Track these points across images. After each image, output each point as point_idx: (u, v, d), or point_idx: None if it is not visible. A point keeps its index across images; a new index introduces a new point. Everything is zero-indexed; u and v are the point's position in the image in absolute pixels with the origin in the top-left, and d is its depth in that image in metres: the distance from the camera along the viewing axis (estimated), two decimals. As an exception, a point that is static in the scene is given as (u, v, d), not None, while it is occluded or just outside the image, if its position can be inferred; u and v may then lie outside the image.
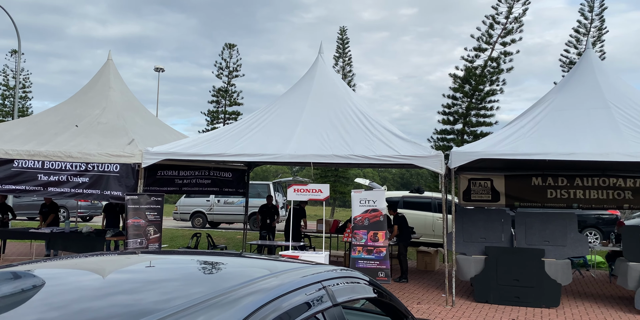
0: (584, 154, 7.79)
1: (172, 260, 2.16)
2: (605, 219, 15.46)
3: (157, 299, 1.47)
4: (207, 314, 1.40)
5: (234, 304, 1.50)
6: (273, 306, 1.58)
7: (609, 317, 7.46)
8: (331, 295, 1.92)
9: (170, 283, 1.67)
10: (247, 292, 1.61)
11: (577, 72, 9.82)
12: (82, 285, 1.63)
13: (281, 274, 1.90)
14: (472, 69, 25.60)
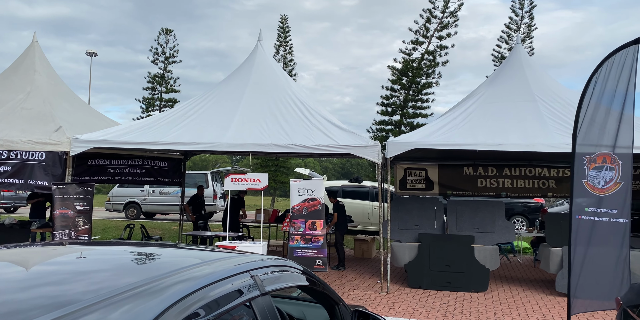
0: (512, 144, 8.15)
1: (102, 251, 2.08)
2: (531, 207, 16.35)
3: (84, 289, 1.44)
4: (130, 303, 1.39)
5: (156, 294, 1.45)
6: (197, 296, 1.54)
7: (532, 300, 7.91)
8: (259, 284, 1.90)
9: (98, 274, 1.63)
10: (171, 282, 1.56)
11: (507, 67, 10.23)
12: (5, 277, 1.55)
13: (208, 263, 1.86)
14: (409, 62, 26.15)
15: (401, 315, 6.72)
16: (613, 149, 4.60)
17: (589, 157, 4.64)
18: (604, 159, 4.61)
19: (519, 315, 6.88)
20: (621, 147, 4.58)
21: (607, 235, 4.62)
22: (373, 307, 7.14)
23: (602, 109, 4.62)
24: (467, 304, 7.47)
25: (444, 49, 25.92)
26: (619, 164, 4.58)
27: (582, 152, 4.67)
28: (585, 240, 4.67)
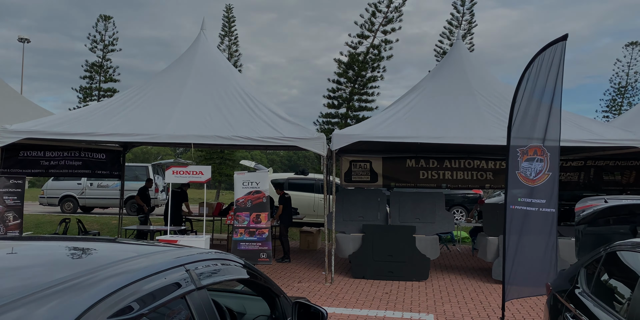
0: (452, 137, 8.40)
1: (32, 247, 1.98)
2: (470, 198, 16.95)
3: (10, 285, 1.39)
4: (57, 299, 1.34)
5: (83, 289, 1.39)
6: (127, 291, 1.48)
7: (470, 287, 8.21)
8: (195, 278, 1.86)
9: (27, 269, 1.56)
10: (100, 277, 1.50)
11: (448, 62, 10.50)
12: None
13: (140, 258, 1.80)
14: (355, 55, 26.37)
15: (345, 306, 6.81)
16: (543, 142, 4.83)
17: (522, 149, 4.85)
18: (535, 151, 4.84)
19: (458, 303, 7.13)
20: (550, 140, 4.82)
21: (537, 224, 4.86)
22: (317, 298, 7.20)
23: (534, 103, 4.83)
24: (408, 293, 7.67)
25: (389, 43, 26.32)
26: (547, 155, 4.81)
27: (516, 145, 4.87)
28: (518, 229, 4.88)
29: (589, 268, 3.62)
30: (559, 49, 4.75)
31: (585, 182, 12.95)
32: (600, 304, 3.16)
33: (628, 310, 2.80)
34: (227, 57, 29.58)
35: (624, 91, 32.47)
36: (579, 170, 12.99)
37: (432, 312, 6.60)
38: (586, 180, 12.97)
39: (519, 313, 6.61)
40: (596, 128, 8.79)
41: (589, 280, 3.52)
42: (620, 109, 31.98)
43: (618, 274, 3.28)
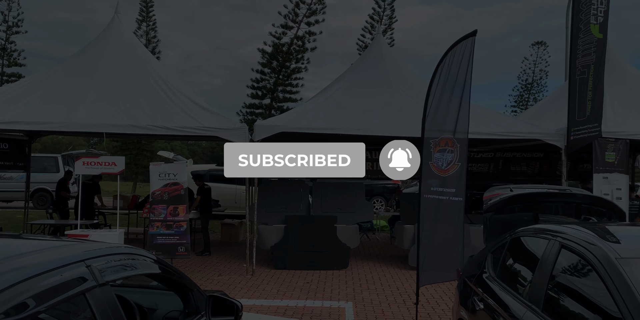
0: (373, 129, 8.57)
1: None
2: (389, 188, 17.47)
3: None
4: None
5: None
6: (15, 290, 1.36)
7: (388, 274, 8.48)
8: (96, 274, 1.75)
9: None
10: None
11: (369, 56, 10.68)
12: None
13: (34, 254, 1.66)
14: (279, 46, 26.22)
15: (265, 297, 6.79)
16: (454, 134, 5.06)
17: (434, 141, 5.04)
18: (447, 142, 5.05)
19: (376, 290, 7.33)
20: (460, 132, 5.06)
21: (448, 213, 5.09)
22: (237, 290, 7.13)
23: (446, 96, 5.04)
24: (329, 282, 7.78)
25: (313, 35, 26.40)
26: (457, 147, 5.05)
27: (429, 137, 5.05)
28: (431, 217, 5.09)
29: (495, 253, 3.83)
30: (468, 44, 4.97)
31: (495, 173, 13.74)
32: (505, 286, 3.35)
33: (529, 291, 2.99)
34: (145, 43, 28.33)
35: (530, 88, 34.79)
36: (489, 162, 13.75)
37: (351, 299, 6.74)
38: (495, 171, 13.76)
39: (433, 298, 6.91)
40: (505, 122, 9.33)
41: (495, 265, 3.72)
42: (527, 104, 34.23)
43: (521, 258, 3.49)
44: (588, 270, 2.54)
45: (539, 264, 3.00)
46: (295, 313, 6.07)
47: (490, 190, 4.96)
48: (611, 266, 2.38)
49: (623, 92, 9.68)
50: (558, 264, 2.83)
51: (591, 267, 2.50)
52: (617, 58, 10.62)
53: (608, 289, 2.29)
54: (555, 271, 2.83)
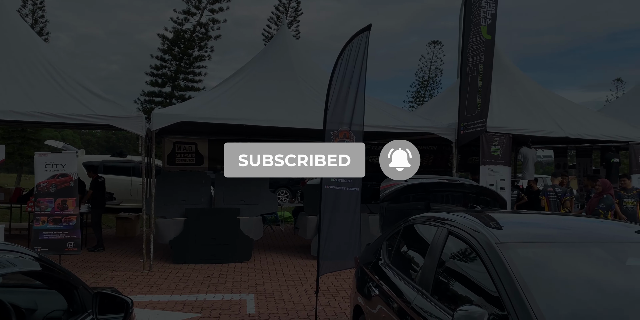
0: (277, 120, 8.55)
1: None
2: (294, 179, 17.58)
3: None
4: None
5: None
6: None
7: (291, 265, 8.54)
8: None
9: None
10: None
11: (274, 47, 10.62)
12: None
13: None
14: (181, 32, 25.28)
15: (163, 293, 6.55)
16: (350, 126, 5.19)
17: (334, 133, 5.13)
18: (345, 134, 5.17)
19: (278, 281, 7.36)
20: (355, 125, 5.20)
21: (345, 203, 5.23)
22: (133, 287, 6.81)
23: (345, 89, 5.15)
24: (230, 275, 7.68)
25: (217, 22, 25.76)
26: (354, 139, 5.19)
27: (330, 129, 5.13)
28: (331, 207, 5.19)
29: (390, 241, 3.99)
30: (364, 38, 5.11)
31: (394, 165, 14.32)
32: (398, 272, 3.50)
33: (420, 276, 3.15)
34: (31, 23, 25.99)
35: (427, 84, 36.67)
36: (389, 154, 14.30)
37: (252, 291, 6.71)
38: (394, 163, 14.35)
39: (333, 286, 7.08)
40: (403, 116, 9.73)
41: (390, 252, 3.88)
42: (423, 100, 36.05)
43: (413, 245, 3.67)
44: (472, 254, 2.73)
45: (429, 250, 3.18)
46: (195, 307, 5.93)
47: (387, 181, 5.16)
48: (492, 250, 2.57)
49: (508, 91, 10.51)
50: (446, 250, 3.01)
51: (475, 252, 2.69)
52: (504, 59, 11.48)
53: (488, 271, 2.47)
54: (443, 256, 3.00)
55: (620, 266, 2.62)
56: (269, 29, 29.02)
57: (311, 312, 5.79)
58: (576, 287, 2.43)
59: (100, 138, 77.91)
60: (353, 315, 4.19)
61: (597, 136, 10.10)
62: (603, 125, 10.51)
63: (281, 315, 5.68)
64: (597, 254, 2.68)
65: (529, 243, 2.71)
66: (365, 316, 3.76)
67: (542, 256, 2.62)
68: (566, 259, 2.63)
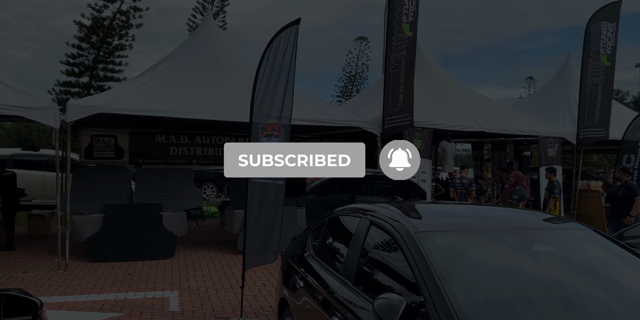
0: (202, 113, 8.34)
1: None
2: (221, 174, 17.28)
3: None
4: None
5: None
6: None
7: (217, 260, 8.41)
8: None
9: None
10: None
11: (198, 37, 10.34)
12: None
13: None
14: (100, 20, 24.01)
15: (80, 292, 6.23)
16: (279, 119, 5.17)
17: (262, 126, 5.09)
18: (273, 127, 5.14)
19: (203, 277, 7.22)
20: (284, 118, 5.19)
21: (272, 196, 5.21)
22: (47, 287, 6.42)
23: (273, 82, 5.11)
24: (153, 272, 7.44)
25: (139, 10, 24.67)
26: (282, 132, 5.18)
27: (257, 122, 5.08)
28: (257, 201, 5.15)
29: (315, 233, 4.02)
30: (292, 31, 5.10)
31: (321, 158, 14.45)
32: (323, 264, 3.54)
33: (343, 267, 3.20)
34: None
35: (354, 79, 37.27)
36: (316, 148, 14.41)
37: (176, 288, 6.54)
38: (322, 157, 14.48)
39: (260, 280, 7.05)
40: (330, 110, 9.83)
41: (315, 244, 3.91)
42: (351, 94, 36.61)
43: (337, 236, 3.72)
44: (392, 244, 2.80)
45: (352, 241, 3.23)
46: (114, 307, 5.69)
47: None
48: (410, 239, 2.65)
49: (429, 87, 10.89)
50: (368, 240, 3.08)
51: (395, 241, 2.76)
52: (425, 56, 11.89)
53: (407, 259, 2.55)
54: (365, 247, 3.06)
55: (528, 252, 2.79)
56: (194, 19, 28.25)
57: (237, 307, 5.73)
58: (489, 273, 2.56)
59: (10, 131, 72.66)
60: (278, 308, 4.19)
61: (510, 131, 10.72)
62: (516, 120, 11.17)
63: (206, 311, 5.57)
64: (508, 242, 2.84)
65: (445, 232, 2.82)
66: (290, 308, 3.78)
67: (458, 244, 2.74)
68: (480, 246, 2.77)
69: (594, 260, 2.80)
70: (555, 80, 14.07)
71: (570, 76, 13.29)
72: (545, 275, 2.59)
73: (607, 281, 2.62)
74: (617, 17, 10.93)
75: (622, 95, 50.21)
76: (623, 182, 8.27)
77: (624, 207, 8.08)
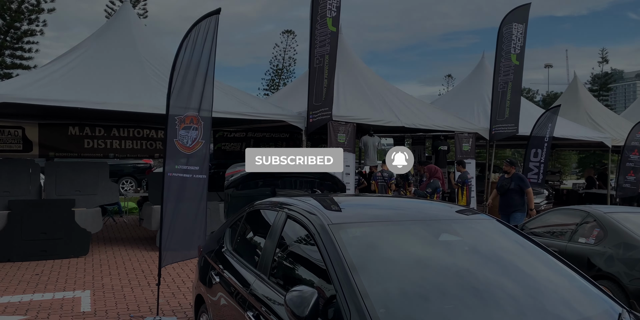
0: (117, 104, 7.95)
1: None
2: (141, 168, 16.66)
3: None
4: None
5: None
6: None
7: (134, 257, 8.09)
8: None
9: None
10: None
11: (115, 25, 9.86)
12: None
13: None
14: (6, 2, 22.25)
15: (-21, 296, 5.77)
16: (198, 111, 5.03)
17: (179, 118, 4.93)
18: (192, 119, 5.00)
19: (119, 275, 6.92)
20: (204, 110, 5.05)
21: (192, 191, 5.07)
22: (-60, 292, 5.89)
23: (191, 73, 4.96)
24: (64, 271, 7.03)
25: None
26: (202, 124, 5.04)
27: (174, 113, 4.91)
28: (175, 196, 4.99)
29: (233, 228, 3.96)
30: (213, 21, 4.97)
31: (246, 152, 14.30)
32: (240, 259, 3.49)
33: (260, 261, 3.17)
34: None
35: (281, 73, 37.12)
36: (241, 141, 14.26)
37: (89, 288, 6.22)
38: (246, 150, 14.33)
39: (179, 277, 6.87)
40: (254, 103, 9.72)
41: (233, 239, 3.85)
42: (278, 88, 36.45)
43: (254, 231, 3.68)
44: (307, 237, 2.81)
45: (268, 235, 3.21)
46: (19, 309, 5.32)
47: (232, 167, 5.11)
48: (324, 231, 2.67)
49: (353, 82, 11.06)
50: (284, 234, 3.07)
51: (309, 234, 2.77)
52: (350, 52, 12.06)
53: (320, 251, 2.57)
54: (281, 240, 3.05)
55: (436, 242, 2.90)
56: (112, 6, 26.88)
57: (154, 305, 5.54)
58: (399, 263, 2.63)
59: None
60: (195, 305, 4.09)
61: (428, 126, 11.13)
62: (434, 116, 11.61)
63: (120, 311, 5.35)
64: (418, 232, 2.93)
65: (359, 223, 2.87)
66: (207, 305, 3.70)
67: (371, 235, 2.79)
68: (393, 237, 2.84)
69: (497, 248, 2.96)
70: (471, 78, 14.77)
71: (484, 74, 14.00)
72: (452, 264, 2.70)
73: (508, 268, 2.77)
74: (527, 19, 11.62)
75: (532, 94, 53.70)
76: (512, 174, 8.46)
77: (517, 199, 8.26)
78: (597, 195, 15.55)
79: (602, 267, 5.20)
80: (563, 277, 2.78)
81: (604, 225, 5.47)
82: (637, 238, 5.12)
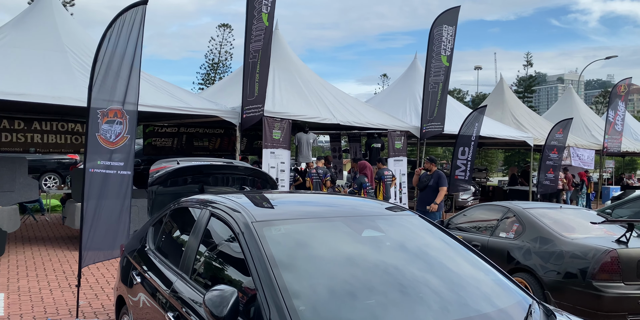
0: (37, 96, 7.49)
1: None
2: (65, 164, 15.82)
3: None
4: None
5: None
6: None
7: (55, 258, 7.67)
8: None
9: None
10: None
11: (36, 12, 9.28)
12: None
13: None
14: None
15: None
16: (123, 104, 4.82)
17: (102, 111, 4.70)
18: (115, 113, 4.78)
19: (37, 276, 6.54)
20: (129, 103, 4.85)
21: (115, 187, 4.86)
22: None
23: (116, 64, 4.75)
24: (-25, 274, 6.56)
25: (-34, -25, 21.41)
26: (127, 118, 4.84)
27: (96, 107, 4.68)
28: (97, 192, 4.77)
29: (156, 226, 3.83)
30: (139, 12, 4.77)
31: (179, 147, 13.95)
32: (162, 258, 3.38)
33: (182, 260, 3.08)
34: None
35: (217, 67, 36.44)
36: (173, 136, 13.88)
37: (3, 290, 5.83)
38: (179, 146, 13.97)
39: (104, 277, 6.58)
40: (186, 97, 9.46)
41: (155, 237, 3.72)
42: (214, 82, 35.76)
43: (178, 229, 3.57)
44: (231, 235, 2.76)
45: (191, 234, 3.13)
46: None
47: (157, 163, 4.94)
48: (247, 229, 2.63)
49: (288, 78, 11.03)
50: (207, 232, 3.00)
51: (233, 232, 2.72)
52: (286, 48, 12.01)
53: (242, 249, 2.53)
54: (204, 239, 2.98)
55: (359, 238, 2.93)
56: (36, -9, 25.30)
57: (74, 307, 5.28)
58: (323, 260, 2.63)
59: None
60: (116, 307, 3.93)
61: (363, 124, 11.30)
62: (369, 114, 11.80)
63: (37, 314, 5.05)
64: (342, 229, 2.95)
65: (284, 220, 2.85)
66: (127, 306, 3.56)
67: (296, 233, 2.78)
68: (317, 234, 2.84)
69: (419, 244, 3.04)
70: (404, 78, 15.13)
71: (416, 75, 14.37)
72: (376, 259, 2.74)
73: (429, 263, 2.85)
74: (456, 21, 12.03)
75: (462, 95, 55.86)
76: (433, 171, 8.81)
77: (432, 196, 8.61)
78: (520, 192, 16.41)
79: (521, 260, 5.48)
80: (480, 270, 2.89)
81: (523, 220, 5.77)
82: (552, 232, 5.43)
